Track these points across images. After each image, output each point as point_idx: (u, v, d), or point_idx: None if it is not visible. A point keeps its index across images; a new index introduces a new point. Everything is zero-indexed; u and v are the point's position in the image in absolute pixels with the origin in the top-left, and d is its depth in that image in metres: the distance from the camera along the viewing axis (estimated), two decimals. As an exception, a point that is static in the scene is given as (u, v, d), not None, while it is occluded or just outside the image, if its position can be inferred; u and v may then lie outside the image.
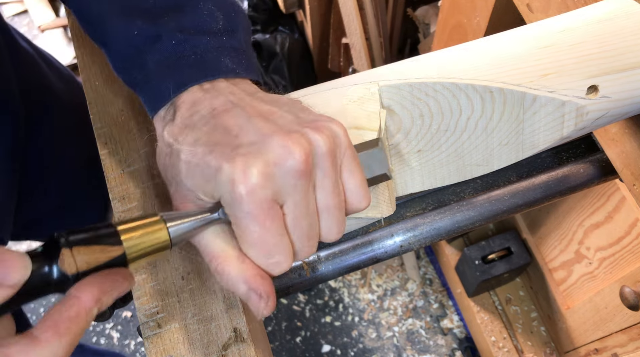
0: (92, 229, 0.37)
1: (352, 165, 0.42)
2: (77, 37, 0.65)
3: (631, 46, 0.48)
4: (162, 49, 0.45)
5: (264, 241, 0.39)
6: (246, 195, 0.37)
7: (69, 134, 0.89)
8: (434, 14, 1.39)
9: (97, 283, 0.36)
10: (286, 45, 1.86)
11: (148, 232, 0.38)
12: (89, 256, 0.36)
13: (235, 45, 0.48)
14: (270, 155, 0.38)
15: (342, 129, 0.42)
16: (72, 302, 0.36)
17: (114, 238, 0.37)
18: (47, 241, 0.36)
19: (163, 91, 0.45)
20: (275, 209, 0.39)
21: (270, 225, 0.39)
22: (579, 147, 0.70)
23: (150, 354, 0.48)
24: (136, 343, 1.68)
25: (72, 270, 0.36)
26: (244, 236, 0.39)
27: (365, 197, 0.43)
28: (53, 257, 0.35)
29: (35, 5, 2.34)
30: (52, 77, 0.87)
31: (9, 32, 0.77)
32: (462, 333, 1.64)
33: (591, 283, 1.11)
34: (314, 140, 0.40)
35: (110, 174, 0.56)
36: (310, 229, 0.41)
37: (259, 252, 0.40)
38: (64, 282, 0.36)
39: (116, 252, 0.37)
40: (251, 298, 0.40)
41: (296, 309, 1.70)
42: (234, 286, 0.41)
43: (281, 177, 0.38)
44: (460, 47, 0.51)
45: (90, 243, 0.36)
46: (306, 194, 0.40)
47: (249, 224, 0.38)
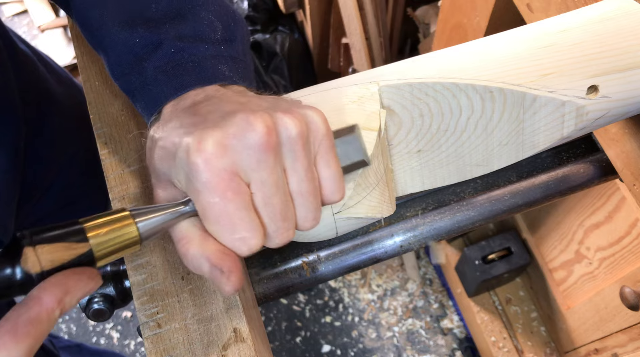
0: (58, 227, 0.36)
1: (328, 155, 0.41)
2: (77, 37, 0.65)
3: (631, 46, 0.48)
4: (161, 55, 0.46)
5: (226, 213, 0.37)
6: (201, 164, 0.36)
7: (69, 136, 0.89)
8: (434, 14, 1.39)
9: (60, 283, 0.35)
10: (286, 45, 1.86)
11: (116, 228, 0.37)
12: (53, 254, 0.35)
13: (233, 54, 0.48)
14: (230, 129, 0.37)
15: (320, 117, 0.41)
16: (33, 303, 0.34)
17: (80, 235, 0.36)
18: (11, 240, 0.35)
19: (160, 96, 0.45)
20: (236, 182, 0.37)
21: (232, 197, 0.37)
22: (579, 147, 0.70)
23: (150, 354, 0.48)
24: (136, 343, 1.68)
25: (35, 269, 0.34)
26: (204, 210, 0.38)
27: (340, 189, 0.42)
28: (15, 257, 0.34)
29: (35, 5, 2.34)
30: (51, 80, 0.88)
31: (8, 35, 0.77)
32: (462, 333, 1.64)
33: (591, 283, 1.11)
34: (280, 120, 0.38)
35: (110, 174, 0.56)
36: (284, 209, 0.39)
37: (222, 226, 0.38)
38: (29, 283, 0.34)
39: (82, 249, 0.36)
40: (214, 275, 0.39)
41: (296, 309, 1.70)
42: (198, 266, 0.39)
43: (241, 150, 0.37)
44: (460, 47, 0.51)
45: (54, 241, 0.35)
46: (273, 172, 0.38)
47: (208, 195, 0.37)
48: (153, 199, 0.43)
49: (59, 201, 0.91)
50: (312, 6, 1.61)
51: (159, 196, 0.43)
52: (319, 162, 0.41)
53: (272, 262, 0.63)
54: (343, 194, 0.42)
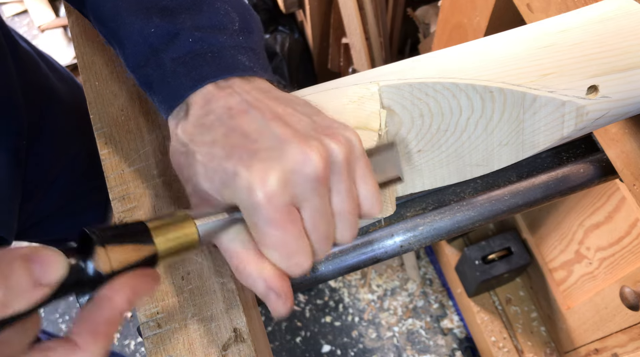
0: (124, 227, 0.37)
1: (365, 172, 0.42)
2: (77, 37, 0.65)
3: (631, 46, 0.48)
4: (179, 46, 0.45)
5: (285, 244, 0.39)
6: (265, 202, 0.37)
7: (70, 134, 0.89)
8: (434, 14, 1.39)
9: (129, 284, 0.35)
10: (286, 45, 1.86)
11: (178, 230, 0.38)
12: (122, 255, 0.35)
13: (252, 45, 0.48)
14: (288, 162, 0.38)
15: (356, 137, 0.42)
16: (106, 304, 0.35)
17: (146, 236, 0.37)
18: (80, 237, 0.35)
19: (179, 88, 0.44)
20: (294, 213, 0.39)
21: (291, 229, 0.39)
22: (579, 147, 0.70)
23: (150, 354, 0.48)
24: (136, 343, 1.68)
25: (106, 269, 0.35)
26: (264, 240, 0.39)
27: (378, 204, 0.43)
28: (87, 254, 0.34)
29: (35, 5, 2.34)
30: (53, 78, 0.87)
31: (10, 34, 0.77)
32: (462, 333, 1.64)
33: (591, 283, 1.11)
34: (331, 148, 0.40)
35: (110, 174, 0.56)
36: (327, 232, 0.41)
37: (280, 255, 0.40)
38: (98, 281, 0.35)
39: (149, 251, 0.37)
40: (269, 297, 0.41)
41: (296, 309, 1.70)
42: (253, 284, 0.41)
43: (299, 184, 0.39)
44: (461, 47, 0.51)
45: (123, 242, 0.36)
46: (323, 199, 0.40)
47: (269, 229, 0.38)
48: (191, 206, 0.44)
49: (61, 200, 0.91)
50: (312, 6, 1.61)
51: (197, 206, 0.43)
52: (357, 179, 0.42)
53: (272, 262, 0.63)
54: (380, 209, 0.44)
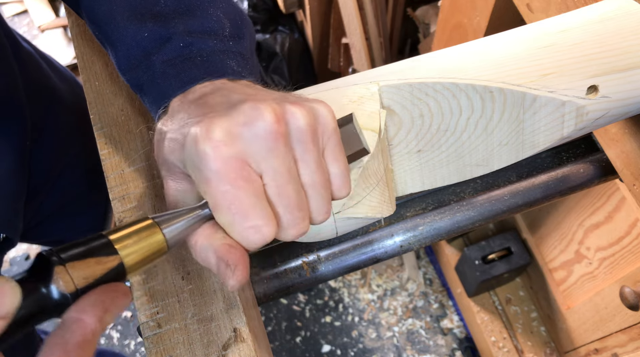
0: (83, 242, 0.35)
1: (336, 150, 0.41)
2: (77, 37, 0.65)
3: (631, 46, 0.48)
4: (170, 50, 0.46)
5: (237, 200, 0.36)
6: (210, 152, 0.36)
7: (72, 134, 0.89)
8: (434, 14, 1.39)
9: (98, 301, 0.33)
10: (286, 45, 1.86)
11: (142, 237, 0.37)
12: (85, 271, 0.33)
13: (241, 50, 0.48)
14: (238, 117, 0.37)
15: (328, 111, 0.40)
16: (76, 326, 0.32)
17: (108, 248, 0.35)
18: (35, 261, 0.33)
19: (168, 89, 0.45)
20: (247, 170, 0.37)
21: (244, 184, 0.36)
22: (579, 147, 0.70)
23: (150, 354, 0.48)
24: (136, 343, 1.68)
25: (70, 288, 0.33)
26: (215, 200, 0.37)
27: (347, 184, 0.42)
28: (46, 277, 0.32)
29: (35, 5, 2.34)
30: (55, 78, 0.88)
31: (12, 34, 0.77)
32: (462, 333, 1.64)
33: (591, 283, 1.11)
34: (289, 110, 0.38)
35: (110, 174, 0.56)
36: (298, 199, 0.39)
37: (233, 215, 0.37)
38: (64, 304, 0.33)
39: (113, 262, 0.35)
40: (219, 268, 0.38)
41: (296, 309, 1.70)
42: (206, 258, 0.39)
43: (251, 139, 0.37)
44: (461, 47, 0.51)
45: (84, 257, 0.33)
46: (284, 160, 0.38)
47: (218, 184, 0.36)
48: (165, 191, 0.43)
49: (62, 199, 0.91)
50: (312, 6, 1.61)
51: (171, 187, 0.43)
52: (327, 157, 0.41)
53: (272, 262, 0.63)
54: (350, 189, 0.42)
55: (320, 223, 0.42)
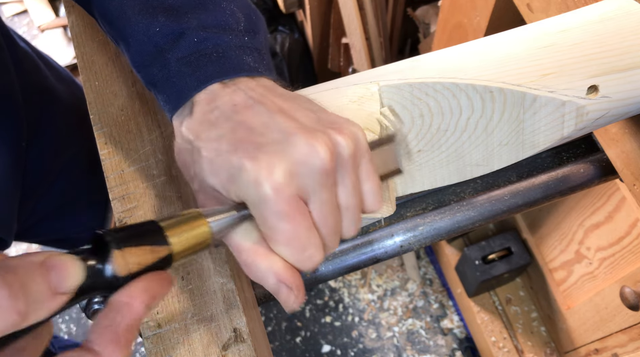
0: (136, 228, 0.36)
1: (369, 169, 0.42)
2: (77, 37, 0.65)
3: (631, 46, 0.48)
4: (184, 46, 0.45)
5: (296, 237, 0.39)
6: (273, 194, 0.37)
7: (70, 135, 0.89)
8: (434, 14, 1.39)
9: (147, 288, 0.35)
10: (286, 45, 1.86)
11: (190, 228, 0.37)
12: (139, 257, 0.34)
13: (257, 45, 0.47)
14: (295, 154, 0.38)
15: (362, 133, 0.42)
16: (126, 310, 0.34)
17: (160, 237, 0.36)
18: (94, 240, 0.35)
19: (184, 88, 0.44)
20: (302, 206, 0.39)
21: (301, 221, 0.38)
22: (579, 147, 0.70)
23: (150, 354, 0.48)
24: (136, 343, 1.68)
25: (124, 272, 0.34)
26: (274, 235, 0.39)
27: (379, 201, 0.43)
28: (103, 257, 0.33)
29: (35, 5, 2.34)
30: (52, 78, 0.87)
31: (9, 34, 0.77)
32: (462, 333, 1.64)
33: (591, 283, 1.11)
34: (337, 141, 0.40)
35: (110, 174, 0.56)
36: (335, 225, 0.41)
37: (292, 248, 0.39)
38: (115, 285, 0.34)
39: (164, 251, 0.36)
40: (281, 291, 0.40)
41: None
42: (263, 278, 0.40)
43: (306, 176, 0.38)
44: (461, 47, 0.51)
45: (138, 243, 0.35)
46: (331, 192, 0.40)
47: (279, 222, 0.38)
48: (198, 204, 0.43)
49: (60, 200, 0.91)
50: (312, 6, 1.61)
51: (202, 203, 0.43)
52: (361, 175, 0.42)
53: (272, 262, 0.63)
54: (381, 205, 0.44)
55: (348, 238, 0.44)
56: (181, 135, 0.43)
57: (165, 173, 0.56)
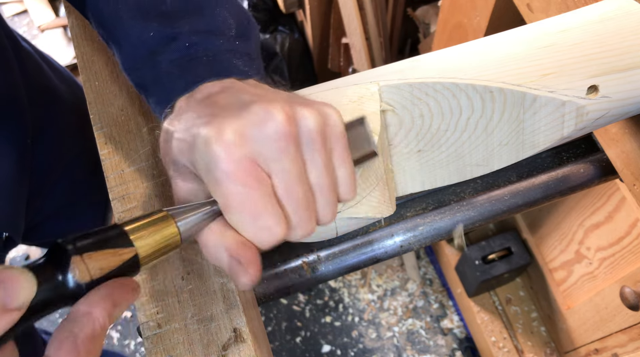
0: (98, 232, 0.34)
1: (343, 154, 0.41)
2: (77, 37, 0.65)
3: (631, 46, 0.48)
4: (175, 49, 0.45)
5: (249, 201, 0.36)
6: (222, 153, 0.36)
7: (72, 135, 0.89)
8: (434, 14, 1.39)
9: (108, 295, 0.33)
10: (286, 45, 1.86)
11: (157, 229, 0.36)
12: (101, 262, 0.33)
13: (248, 51, 0.48)
14: (249, 118, 0.37)
15: (336, 114, 0.40)
16: (86, 319, 0.32)
17: (123, 239, 0.34)
18: (51, 249, 0.33)
19: (173, 90, 0.45)
20: (258, 171, 0.37)
21: (255, 185, 0.36)
22: (579, 147, 0.70)
23: (150, 354, 0.48)
24: (136, 343, 1.68)
25: (85, 278, 0.32)
26: (226, 200, 0.37)
27: (353, 188, 0.42)
28: (62, 266, 0.32)
29: (35, 5, 2.34)
30: (55, 79, 0.88)
31: (12, 35, 0.77)
32: (462, 333, 1.64)
33: (591, 283, 1.11)
34: (299, 112, 0.38)
35: (110, 174, 0.56)
36: (306, 199, 0.39)
37: (245, 215, 0.37)
38: (78, 293, 0.32)
39: (128, 254, 0.34)
40: (232, 266, 0.38)
41: (296, 309, 1.70)
42: (218, 256, 0.39)
43: (262, 140, 0.37)
44: (461, 47, 0.51)
45: (100, 248, 0.33)
46: (294, 161, 0.38)
47: (229, 184, 0.36)
48: (173, 191, 0.43)
49: (63, 199, 0.91)
50: (312, 6, 1.61)
51: (180, 187, 0.42)
52: (334, 160, 0.41)
53: (272, 262, 0.63)
54: (355, 193, 0.42)
55: (326, 224, 0.42)
56: (162, 130, 0.43)
57: (166, 173, 0.56)
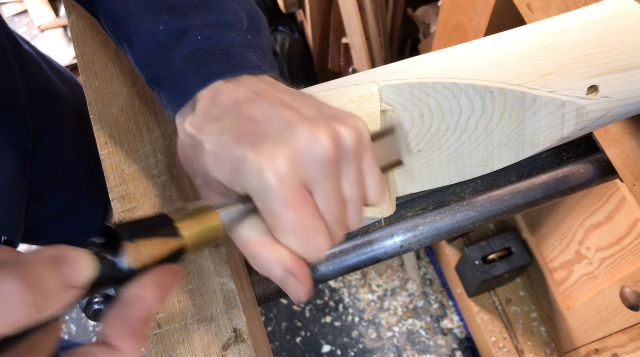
0: (148, 220, 0.35)
1: (371, 162, 0.42)
2: (77, 37, 0.65)
3: (631, 46, 0.48)
4: (188, 44, 0.45)
5: (302, 225, 0.38)
6: (276, 183, 0.37)
7: (74, 135, 0.89)
8: (434, 14, 1.39)
9: (158, 280, 0.34)
10: (286, 45, 1.86)
11: (202, 220, 0.37)
12: (152, 249, 0.34)
13: (260, 44, 0.48)
14: (297, 143, 0.38)
15: (365, 126, 0.42)
16: (140, 303, 0.33)
17: (171, 229, 0.36)
18: (105, 232, 0.34)
19: (187, 86, 0.44)
20: (306, 195, 0.38)
21: (305, 209, 0.38)
22: (579, 147, 0.70)
23: (150, 354, 0.48)
24: (136, 343, 1.68)
25: (138, 264, 0.33)
26: (279, 224, 0.39)
27: (381, 194, 0.43)
28: (117, 251, 0.33)
29: (35, 5, 2.34)
30: (56, 80, 0.87)
31: (13, 36, 0.77)
32: (462, 333, 1.64)
33: (591, 283, 1.11)
34: (340, 132, 0.40)
35: (110, 174, 0.56)
36: (340, 215, 0.41)
37: (298, 237, 0.39)
38: (129, 277, 0.34)
39: (176, 243, 0.36)
40: (288, 281, 0.40)
41: (296, 309, 1.70)
42: (271, 269, 0.40)
43: (309, 164, 0.38)
44: (461, 47, 0.51)
45: (151, 235, 0.34)
46: (334, 183, 0.40)
47: (284, 211, 0.38)
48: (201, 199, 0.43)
49: (64, 201, 0.91)
50: (312, 6, 1.61)
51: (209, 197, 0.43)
52: (363, 168, 0.42)
53: (272, 262, 0.63)
54: (384, 198, 0.44)
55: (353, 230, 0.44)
56: (184, 131, 0.43)
57: (166, 173, 0.56)
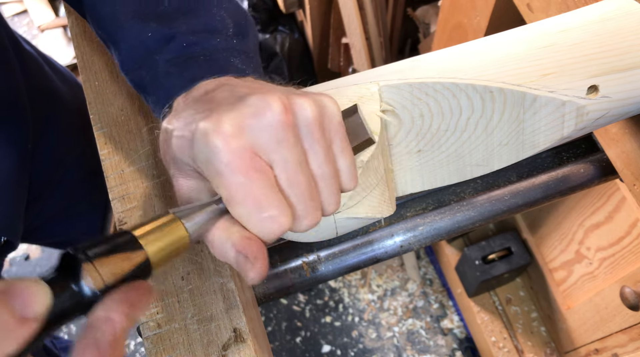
0: (107, 239, 0.34)
1: (343, 144, 0.41)
2: (77, 37, 0.65)
3: (631, 46, 0.48)
4: (173, 49, 0.46)
5: (251, 192, 0.36)
6: (221, 144, 0.36)
7: (74, 135, 0.89)
8: (434, 14, 1.39)
9: (124, 299, 0.33)
10: (286, 45, 1.86)
11: (165, 232, 0.36)
12: (113, 267, 0.33)
13: (245, 49, 0.48)
14: (246, 109, 0.37)
15: (333, 103, 0.41)
16: (106, 325, 0.32)
17: (134, 244, 0.35)
18: (61, 259, 0.33)
19: (171, 89, 0.45)
20: (258, 162, 0.37)
21: (256, 175, 0.36)
22: (579, 147, 0.70)
23: (150, 354, 0.48)
24: (136, 343, 1.68)
25: (99, 285, 0.32)
26: (229, 193, 0.37)
27: (354, 177, 0.42)
28: (75, 274, 0.32)
29: (35, 5, 2.34)
30: (56, 80, 0.87)
31: (14, 36, 0.77)
32: (462, 333, 1.64)
33: (591, 283, 1.11)
34: (296, 102, 0.38)
35: (110, 174, 0.56)
36: (309, 188, 0.39)
37: (248, 207, 0.37)
38: (94, 301, 0.33)
39: (139, 257, 0.35)
40: (239, 261, 0.38)
41: (296, 309, 1.70)
42: (224, 252, 0.39)
43: (260, 130, 0.37)
44: (461, 47, 0.51)
45: (110, 253, 0.33)
46: (294, 150, 0.38)
47: (231, 176, 0.36)
48: (175, 189, 0.43)
49: (64, 201, 0.91)
50: (312, 6, 1.61)
51: (182, 185, 0.42)
52: (334, 150, 0.41)
53: (272, 262, 0.63)
54: (357, 182, 0.42)
55: (330, 214, 0.42)
56: (162, 129, 0.43)
57: (165, 173, 0.56)
